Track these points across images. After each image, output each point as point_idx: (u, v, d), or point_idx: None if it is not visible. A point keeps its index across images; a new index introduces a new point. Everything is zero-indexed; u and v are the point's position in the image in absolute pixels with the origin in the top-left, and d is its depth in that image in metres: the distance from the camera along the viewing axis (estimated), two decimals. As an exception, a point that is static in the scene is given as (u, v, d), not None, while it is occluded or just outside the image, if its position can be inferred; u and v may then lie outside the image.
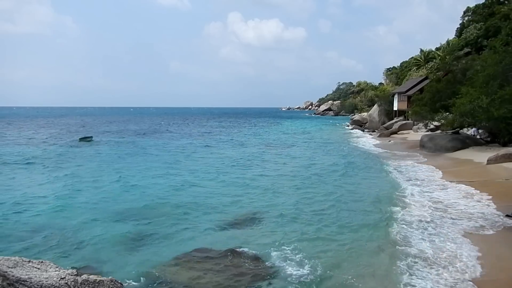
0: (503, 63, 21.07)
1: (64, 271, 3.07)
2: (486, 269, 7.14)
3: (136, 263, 8.03)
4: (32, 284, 2.68)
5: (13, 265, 2.84)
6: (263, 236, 9.58)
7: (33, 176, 18.09)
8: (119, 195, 14.16)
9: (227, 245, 8.81)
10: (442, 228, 9.53)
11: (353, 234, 9.58)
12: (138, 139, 37.82)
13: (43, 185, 16.02)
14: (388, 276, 7.19)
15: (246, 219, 11.04)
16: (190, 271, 7.44)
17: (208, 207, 12.39)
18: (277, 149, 30.03)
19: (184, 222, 10.81)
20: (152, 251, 8.72)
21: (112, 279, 3.40)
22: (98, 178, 17.47)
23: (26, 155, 24.48)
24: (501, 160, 16.36)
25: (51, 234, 9.84)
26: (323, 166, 20.67)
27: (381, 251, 8.39)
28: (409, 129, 38.54)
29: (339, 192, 14.23)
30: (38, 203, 12.94)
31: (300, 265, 7.68)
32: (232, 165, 21.40)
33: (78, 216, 11.46)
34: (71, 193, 14.51)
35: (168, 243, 9.14)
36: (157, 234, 9.75)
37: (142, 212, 11.86)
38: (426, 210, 11.21)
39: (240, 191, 14.87)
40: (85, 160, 22.97)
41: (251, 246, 8.71)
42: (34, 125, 62.72)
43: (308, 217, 11.06)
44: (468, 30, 45.43)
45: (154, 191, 14.85)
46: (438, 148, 22.71)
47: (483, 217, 10.20)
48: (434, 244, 8.49)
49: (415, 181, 15.58)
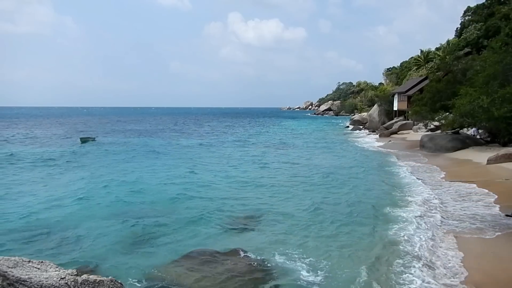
0: (503, 62, 21.06)
1: (64, 271, 3.07)
2: (484, 269, 7.14)
3: (136, 263, 8.02)
4: (32, 284, 2.68)
5: (13, 265, 2.84)
6: (266, 236, 9.56)
7: (33, 176, 18.08)
8: (119, 195, 14.13)
9: (229, 245, 8.80)
10: (438, 229, 9.53)
11: (352, 234, 9.56)
12: (139, 139, 37.83)
13: (44, 185, 16.01)
14: (386, 275, 7.19)
15: (249, 219, 11.01)
16: (190, 271, 7.42)
17: (210, 207, 12.35)
18: (278, 149, 30.05)
19: (185, 222, 10.78)
20: (152, 251, 8.71)
21: (112, 279, 3.39)
22: (98, 178, 17.46)
23: (27, 156, 24.50)
24: (501, 160, 16.36)
25: (51, 234, 9.83)
26: (323, 166, 20.66)
27: (381, 251, 8.37)
28: (409, 129, 38.55)
29: (340, 193, 14.24)
30: (38, 203, 12.93)
31: (302, 267, 7.66)
32: (233, 165, 21.40)
33: (78, 216, 11.46)
34: (71, 193, 14.50)
35: (169, 243, 9.12)
36: (158, 234, 9.74)
37: (143, 212, 11.85)
38: (426, 211, 11.22)
39: (243, 191, 14.85)
40: (87, 161, 22.96)
41: (253, 247, 8.68)
42: (30, 125, 62.73)
43: (311, 217, 11.01)
44: (468, 30, 45.43)
45: (154, 191, 14.84)
46: (438, 148, 22.71)
47: (482, 217, 10.20)
48: (431, 243, 8.50)
49: (415, 181, 15.59)
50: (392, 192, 13.92)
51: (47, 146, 31.04)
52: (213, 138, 40.52)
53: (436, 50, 59.51)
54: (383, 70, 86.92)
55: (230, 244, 8.94)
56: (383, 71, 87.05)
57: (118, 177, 17.48)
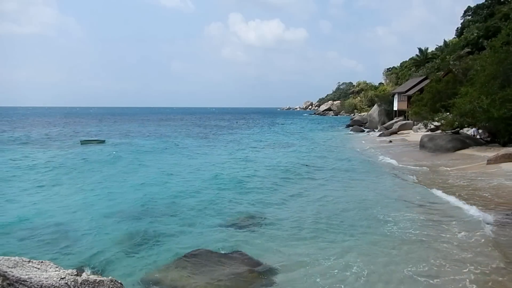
0: (504, 63, 21.02)
1: (64, 271, 3.07)
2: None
3: (137, 263, 8.03)
4: (32, 284, 2.68)
5: (13, 265, 2.84)
6: (266, 236, 9.55)
7: (33, 176, 18.09)
8: (119, 195, 14.16)
9: (230, 246, 8.80)
10: (434, 230, 9.54)
11: (351, 234, 9.57)
12: (141, 141, 37.85)
13: (44, 186, 16.01)
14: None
15: (250, 219, 11.00)
16: (191, 271, 7.42)
17: (211, 207, 12.36)
18: (279, 149, 30.07)
19: (186, 222, 10.80)
20: (153, 251, 8.71)
21: (112, 279, 3.39)
22: (99, 178, 17.48)
23: (29, 157, 24.52)
24: (501, 160, 16.34)
25: (51, 234, 9.85)
26: (323, 166, 20.67)
27: (380, 252, 8.38)
28: (409, 129, 38.54)
29: (339, 194, 14.25)
30: (39, 203, 12.95)
31: (303, 267, 7.68)
32: (235, 165, 21.41)
33: (78, 216, 11.48)
34: (71, 193, 14.53)
35: (170, 244, 9.12)
36: (159, 234, 9.74)
37: (143, 212, 11.86)
38: (425, 210, 11.23)
39: (243, 191, 14.84)
40: (87, 161, 22.97)
41: (254, 247, 8.69)
42: (28, 124, 62.75)
43: (311, 218, 11.01)
44: (469, 30, 45.44)
45: (155, 191, 14.85)
46: (438, 148, 22.69)
47: (482, 216, 10.20)
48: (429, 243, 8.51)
49: (415, 180, 15.60)
50: (391, 191, 13.95)
51: (47, 148, 31.05)
52: (216, 137, 40.52)
53: (436, 50, 59.57)
54: (383, 70, 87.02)
55: (230, 244, 8.94)
56: (383, 71, 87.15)
57: (118, 178, 17.49)
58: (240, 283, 6.97)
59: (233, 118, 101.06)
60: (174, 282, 6.99)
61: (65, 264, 6.33)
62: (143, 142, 35.27)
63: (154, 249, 8.84)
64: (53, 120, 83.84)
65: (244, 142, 35.79)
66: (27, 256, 3.19)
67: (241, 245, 8.87)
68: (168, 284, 6.95)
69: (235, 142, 36.18)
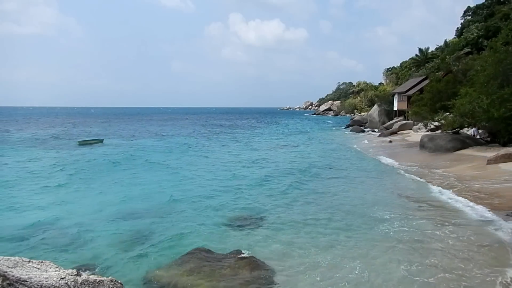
0: (504, 63, 21.01)
1: (64, 271, 3.08)
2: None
3: (137, 263, 8.03)
4: (32, 284, 2.69)
5: (13, 265, 2.85)
6: (267, 236, 9.56)
7: (34, 176, 18.09)
8: (120, 195, 14.16)
9: (230, 245, 8.81)
10: (434, 229, 9.54)
11: (351, 234, 9.57)
12: (141, 141, 37.85)
13: (44, 186, 16.02)
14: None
15: (250, 219, 11.02)
16: (191, 271, 7.42)
17: (212, 208, 12.36)
18: (280, 149, 30.06)
19: (186, 222, 10.79)
20: (153, 251, 8.71)
21: (112, 279, 3.40)
22: (99, 178, 17.48)
23: (31, 158, 24.52)
24: (501, 160, 16.33)
25: (51, 234, 9.85)
26: (323, 166, 20.68)
27: (380, 252, 8.39)
28: (409, 129, 38.52)
29: (339, 194, 14.25)
30: (39, 203, 12.95)
31: (303, 267, 7.68)
32: (235, 165, 21.41)
33: (78, 216, 11.48)
34: (71, 193, 14.53)
35: (170, 244, 9.12)
36: (159, 234, 9.75)
37: (143, 212, 11.87)
38: (425, 210, 11.23)
39: (243, 191, 14.84)
40: (87, 162, 22.97)
41: (254, 247, 8.70)
42: (32, 124, 62.74)
43: (311, 219, 11.02)
44: (469, 30, 45.43)
45: (155, 191, 14.85)
46: (438, 148, 22.68)
47: (482, 216, 10.21)
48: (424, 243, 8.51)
49: (414, 180, 15.60)
50: (391, 192, 13.95)
51: (46, 147, 31.05)
52: (216, 137, 40.52)
53: (436, 50, 59.53)
54: (383, 70, 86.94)
55: (230, 244, 8.96)
56: (383, 71, 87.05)
57: (118, 178, 17.48)
58: (240, 283, 6.97)
59: (235, 118, 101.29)
60: (174, 282, 6.98)
61: (65, 264, 6.34)
62: (151, 142, 35.15)
63: (154, 248, 8.84)
64: (60, 120, 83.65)
65: (250, 141, 35.95)
66: (27, 256, 3.20)
67: (241, 244, 8.88)
68: (168, 284, 6.95)
69: (241, 141, 36.16)
